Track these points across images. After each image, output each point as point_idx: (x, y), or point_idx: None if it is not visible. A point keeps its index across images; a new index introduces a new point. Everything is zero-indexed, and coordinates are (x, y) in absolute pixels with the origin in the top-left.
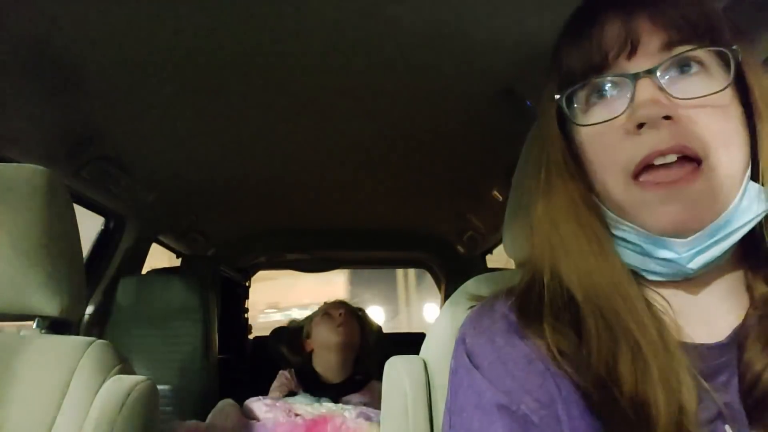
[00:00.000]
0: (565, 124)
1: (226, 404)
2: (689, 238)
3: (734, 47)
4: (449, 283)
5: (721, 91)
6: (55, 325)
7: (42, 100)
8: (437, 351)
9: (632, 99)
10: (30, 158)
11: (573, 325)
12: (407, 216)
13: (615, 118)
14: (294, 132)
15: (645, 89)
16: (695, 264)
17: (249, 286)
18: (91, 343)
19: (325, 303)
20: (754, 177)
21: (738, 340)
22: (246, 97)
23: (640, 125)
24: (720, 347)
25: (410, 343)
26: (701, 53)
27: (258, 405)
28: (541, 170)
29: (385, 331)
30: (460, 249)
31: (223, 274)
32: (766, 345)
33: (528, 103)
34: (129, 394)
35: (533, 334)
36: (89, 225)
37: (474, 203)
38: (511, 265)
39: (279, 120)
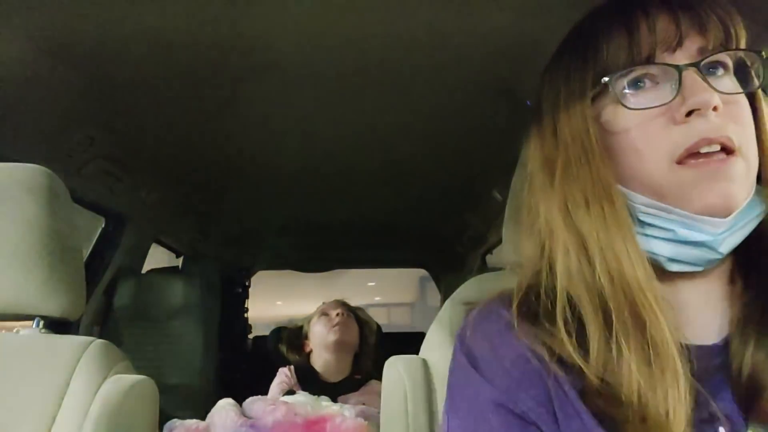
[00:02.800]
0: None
1: (225, 403)
2: (727, 218)
3: (761, 52)
4: (449, 283)
5: (756, 89)
6: (55, 325)
7: (44, 99)
8: (437, 351)
9: (679, 89)
10: (30, 158)
11: (572, 325)
12: (407, 216)
13: (665, 104)
14: (295, 132)
15: (692, 80)
16: (725, 247)
17: (249, 286)
18: (91, 342)
19: (323, 303)
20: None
21: (729, 341)
22: (247, 98)
23: (689, 113)
24: (714, 348)
25: (410, 342)
26: (727, 57)
27: (257, 404)
28: (554, 162)
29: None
30: (460, 249)
31: (223, 274)
32: (756, 346)
33: (528, 102)
34: (129, 394)
35: (529, 335)
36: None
37: (474, 203)
38: None
39: (280, 120)
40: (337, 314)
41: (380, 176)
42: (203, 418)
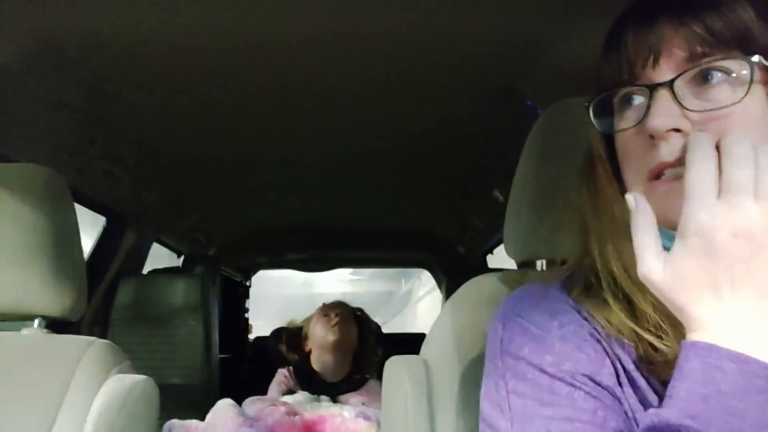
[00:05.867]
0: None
1: (225, 404)
2: None
3: (754, 57)
4: (449, 283)
5: (737, 102)
6: (56, 325)
7: (44, 99)
8: (438, 351)
9: (647, 110)
10: (31, 157)
11: (623, 300)
12: (407, 216)
13: (632, 127)
14: (295, 132)
15: (661, 101)
16: None
17: (249, 286)
18: (92, 342)
19: (323, 303)
20: None
21: None
22: (247, 97)
23: (652, 136)
24: None
25: (410, 343)
26: (726, 63)
27: (257, 404)
28: (584, 167)
29: None
30: (460, 249)
31: (224, 274)
32: None
33: (528, 102)
34: (129, 394)
35: (597, 315)
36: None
37: (474, 203)
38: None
39: (280, 120)
40: (337, 314)
41: (381, 176)
42: (203, 418)
